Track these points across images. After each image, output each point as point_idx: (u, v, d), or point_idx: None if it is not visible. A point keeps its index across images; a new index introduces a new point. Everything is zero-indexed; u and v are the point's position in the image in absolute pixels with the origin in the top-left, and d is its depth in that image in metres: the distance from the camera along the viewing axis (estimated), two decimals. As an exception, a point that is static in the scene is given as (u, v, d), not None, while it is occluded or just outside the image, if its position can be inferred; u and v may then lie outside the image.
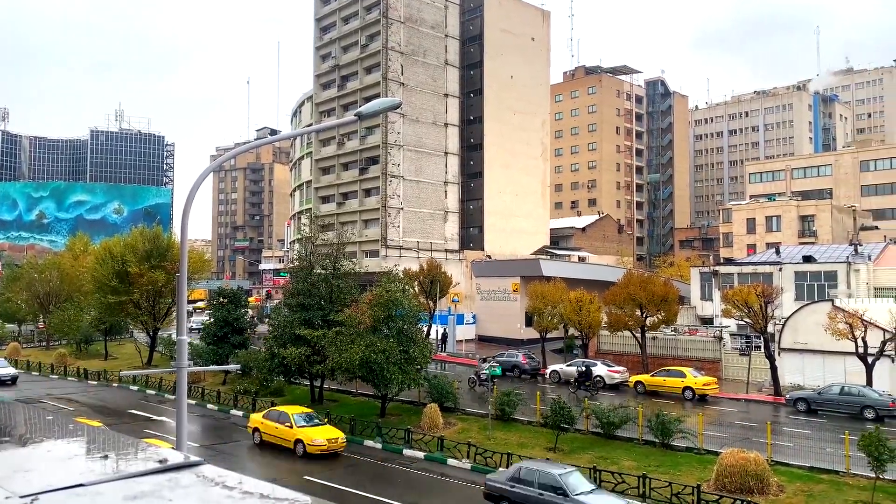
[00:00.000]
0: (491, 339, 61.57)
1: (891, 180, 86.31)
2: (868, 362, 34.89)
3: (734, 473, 20.12)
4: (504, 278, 63.04)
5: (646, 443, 25.84)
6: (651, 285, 42.80)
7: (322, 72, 79.45)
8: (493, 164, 77.78)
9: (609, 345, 48.62)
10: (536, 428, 28.29)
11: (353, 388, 37.29)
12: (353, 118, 11.22)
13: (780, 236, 74.67)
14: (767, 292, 38.26)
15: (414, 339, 30.61)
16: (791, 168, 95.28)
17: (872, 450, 19.64)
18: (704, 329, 50.11)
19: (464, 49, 78.30)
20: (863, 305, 38.89)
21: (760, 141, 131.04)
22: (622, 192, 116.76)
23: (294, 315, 34.18)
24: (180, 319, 10.80)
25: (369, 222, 72.79)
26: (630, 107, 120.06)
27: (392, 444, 26.88)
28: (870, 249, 53.28)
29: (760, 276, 49.37)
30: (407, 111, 71.24)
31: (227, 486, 2.05)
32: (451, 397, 31.73)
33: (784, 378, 39.08)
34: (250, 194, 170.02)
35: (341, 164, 76.92)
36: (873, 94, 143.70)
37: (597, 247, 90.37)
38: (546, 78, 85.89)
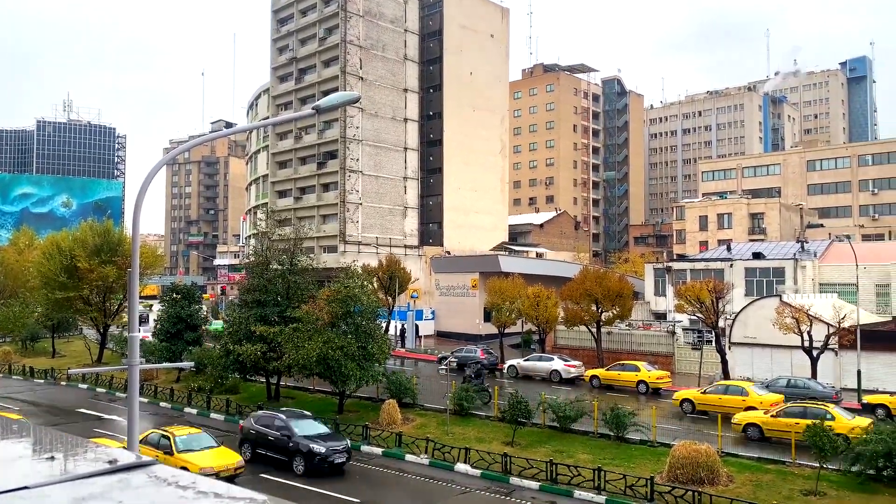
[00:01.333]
0: (450, 335, 61.75)
1: (835, 180, 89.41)
2: (813, 356, 36.09)
3: (686, 465, 20.60)
4: (463, 274, 63.27)
5: (601, 436, 26.26)
6: (606, 281, 43.47)
7: (279, 64, 78.36)
8: (453, 160, 77.91)
9: (566, 339, 49.23)
10: (494, 422, 28.50)
11: (311, 385, 36.98)
12: (311, 112, 11.09)
13: (731, 233, 76.65)
14: (719, 288, 39.24)
15: (372, 336, 30.48)
16: (742, 167, 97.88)
17: (817, 440, 20.34)
18: (658, 324, 51.12)
19: (423, 44, 78.16)
20: (808, 301, 40.22)
21: (713, 140, 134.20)
22: (579, 190, 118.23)
23: (250, 311, 33.69)
24: (132, 316, 10.54)
25: (327, 217, 72.17)
26: (587, 105, 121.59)
27: (350, 441, 26.73)
28: (815, 247, 55.10)
29: (712, 272, 50.59)
30: (366, 106, 70.80)
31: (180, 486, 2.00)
32: (409, 393, 31.72)
33: (734, 371, 40.16)
34: (205, 188, 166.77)
35: (299, 158, 76.04)
36: (819, 96, 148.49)
37: (554, 243, 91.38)
38: (505, 75, 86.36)
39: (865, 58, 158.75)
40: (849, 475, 20.82)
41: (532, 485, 21.42)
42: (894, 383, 31.70)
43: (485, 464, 23.07)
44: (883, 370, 35.45)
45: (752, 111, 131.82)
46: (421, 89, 77.27)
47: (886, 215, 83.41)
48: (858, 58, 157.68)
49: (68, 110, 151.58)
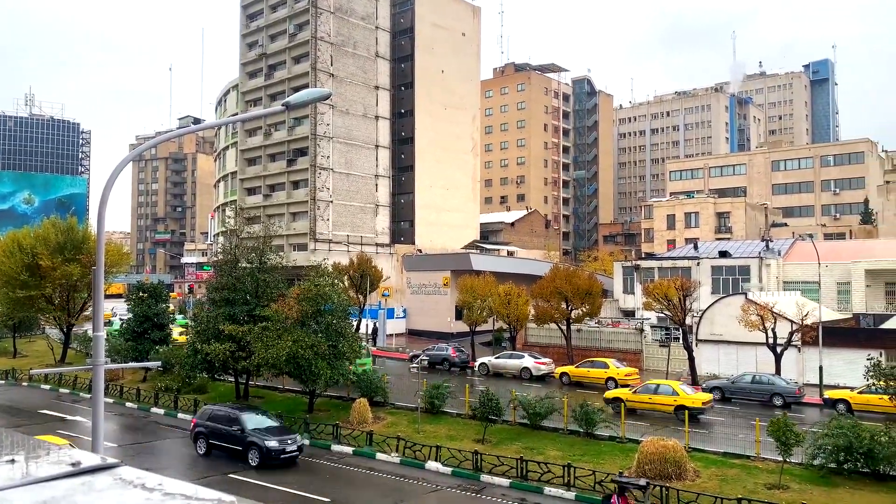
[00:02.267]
0: (421, 333, 61.73)
1: (798, 180, 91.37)
2: (777, 352, 36.89)
3: (654, 461, 20.89)
4: (435, 272, 63.28)
5: (571, 432, 26.49)
6: (576, 279, 43.85)
7: (248, 60, 77.43)
8: (424, 157, 77.83)
9: (536, 337, 49.55)
10: (465, 420, 28.56)
11: (280, 384, 36.67)
12: (280, 108, 10.98)
13: (698, 232, 77.87)
14: (686, 286, 39.85)
15: (343, 334, 30.33)
16: (709, 167, 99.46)
17: (780, 435, 20.77)
18: (627, 321, 51.74)
19: (395, 42, 77.91)
20: (773, 298, 41.05)
21: (681, 140, 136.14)
22: (549, 188, 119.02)
23: (218, 310, 33.28)
24: (97, 315, 10.33)
25: (297, 215, 71.57)
26: (558, 105, 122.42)
27: (320, 440, 26.58)
28: (780, 245, 56.26)
29: (679, 270, 51.34)
30: (337, 102, 70.35)
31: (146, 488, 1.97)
32: (380, 392, 31.64)
33: (701, 368, 40.84)
34: (172, 185, 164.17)
35: (268, 155, 75.27)
36: (784, 97, 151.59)
37: (525, 241, 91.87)
38: (476, 73, 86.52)
39: (828, 61, 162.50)
40: (811, 469, 21.31)
41: (503, 482, 21.52)
42: (855, 379, 32.47)
43: (456, 461, 23.12)
44: (843, 366, 36.35)
45: (719, 112, 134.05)
46: (392, 87, 77.01)
47: (847, 215, 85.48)
48: (821, 61, 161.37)
49: (30, 105, 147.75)
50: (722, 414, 31.19)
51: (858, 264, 49.14)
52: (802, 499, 18.34)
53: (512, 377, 40.89)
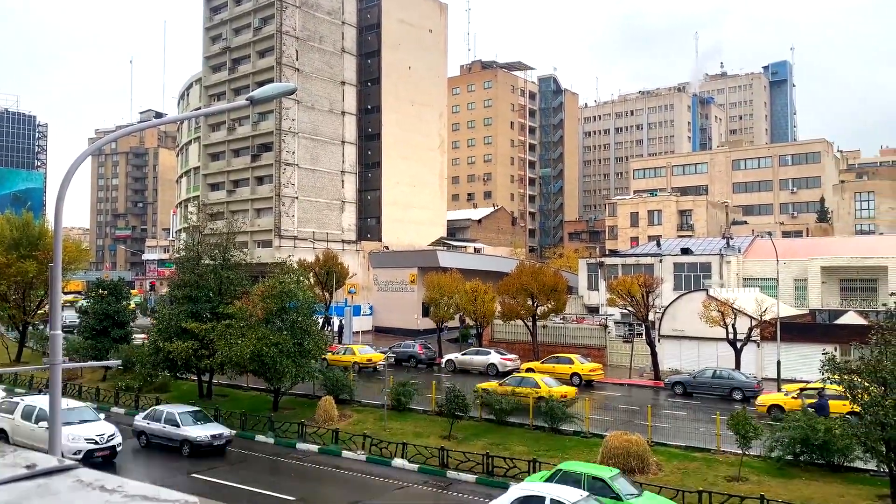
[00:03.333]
0: (388, 330, 61.58)
1: (758, 179, 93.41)
2: (737, 347, 37.71)
3: (618, 455, 21.19)
4: (402, 269, 63.16)
5: (536, 428, 26.71)
6: (542, 276, 44.21)
7: (212, 53, 76.20)
8: (391, 154, 77.56)
9: (503, 333, 49.83)
10: (432, 417, 28.59)
11: (245, 383, 36.25)
12: (244, 102, 10.82)
13: (661, 229, 79.10)
14: (649, 282, 40.48)
15: (308, 332, 30.11)
16: (671, 165, 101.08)
17: (739, 428, 21.25)
18: (591, 317, 52.34)
19: (361, 37, 77.44)
20: (733, 294, 41.96)
21: (644, 139, 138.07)
22: (516, 186, 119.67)
23: (180, 308, 32.74)
24: (54, 313, 10.08)
25: (262, 211, 70.74)
26: (524, 102, 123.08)
27: (285, 439, 26.36)
28: (740, 243, 57.45)
29: (643, 267, 52.12)
30: (302, 98, 69.68)
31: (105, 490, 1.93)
32: (346, 389, 31.50)
33: (663, 363, 41.53)
34: (133, 180, 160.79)
35: (232, 150, 74.22)
36: (744, 97, 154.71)
37: (492, 238, 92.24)
38: (443, 70, 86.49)
39: (786, 62, 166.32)
40: (769, 461, 21.85)
41: (469, 478, 21.61)
42: (811, 373, 33.32)
43: (422, 458, 23.14)
44: (800, 360, 37.31)
45: (682, 111, 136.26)
46: (359, 82, 76.57)
47: (804, 213, 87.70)
48: (780, 62, 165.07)
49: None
50: (685, 408, 31.77)
51: (815, 261, 50.47)
52: (760, 490, 18.79)
53: (478, 374, 41.04)
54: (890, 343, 18.48)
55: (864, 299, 48.19)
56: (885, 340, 18.61)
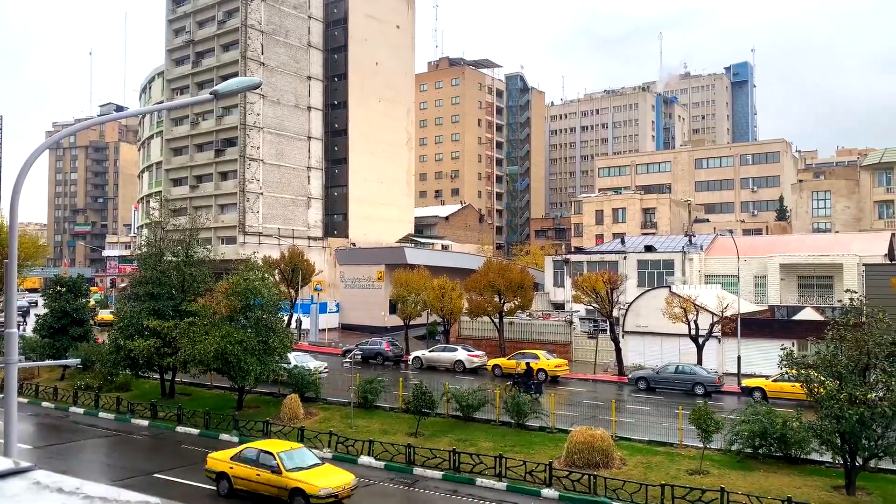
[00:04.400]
0: (355, 328, 61.29)
1: (720, 178, 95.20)
2: (699, 343, 38.42)
3: (582, 450, 21.43)
4: (369, 266, 62.88)
5: (502, 424, 26.86)
6: (509, 273, 44.45)
7: (175, 46, 74.79)
8: (358, 150, 77.12)
9: (469, 330, 49.97)
10: (399, 414, 28.55)
11: (208, 381, 35.75)
12: (208, 97, 10.66)
13: (625, 227, 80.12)
14: (613, 279, 40.99)
15: (274, 329, 29.81)
16: (636, 164, 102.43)
17: (701, 423, 21.67)
18: (557, 314, 52.80)
19: (328, 32, 76.79)
20: (695, 291, 42.72)
21: (609, 138, 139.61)
22: (483, 183, 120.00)
23: (142, 305, 32.12)
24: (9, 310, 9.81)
25: (226, 207, 69.75)
26: (491, 100, 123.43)
27: (250, 437, 26.04)
28: (702, 240, 58.49)
29: (607, 264, 52.73)
30: (267, 92, 68.85)
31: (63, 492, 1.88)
32: (312, 387, 31.27)
33: (627, 359, 42.10)
34: (93, 175, 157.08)
35: (195, 144, 72.99)
36: (706, 98, 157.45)
37: (459, 235, 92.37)
38: (411, 66, 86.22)
39: (747, 63, 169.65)
40: (729, 454, 22.32)
41: (435, 474, 21.64)
42: (770, 368, 34.13)
43: (389, 455, 23.10)
44: (760, 355, 38.16)
45: (646, 111, 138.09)
46: (325, 77, 75.92)
47: (764, 211, 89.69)
48: (741, 63, 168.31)
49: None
50: (648, 403, 32.27)
51: (774, 259, 51.64)
52: (721, 483, 19.18)
53: (445, 370, 41.12)
54: (844, 338, 19.00)
55: (821, 296, 49.47)
56: (840, 336, 19.13)
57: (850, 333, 18.94)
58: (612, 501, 18.89)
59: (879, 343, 18.44)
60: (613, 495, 19.14)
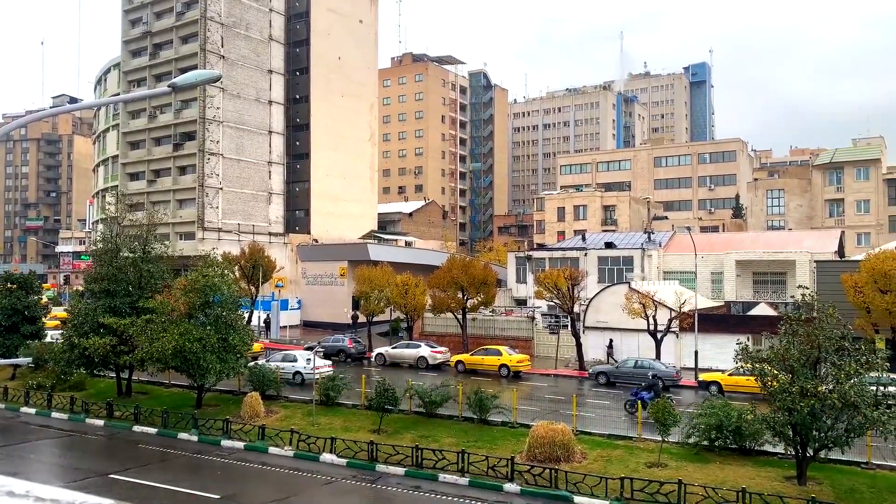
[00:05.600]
0: (317, 325, 60.81)
1: (678, 176, 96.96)
2: (657, 338, 39.13)
3: (544, 444, 21.64)
4: (331, 262, 62.42)
5: (465, 419, 26.96)
6: (472, 269, 44.61)
7: (131, 38, 73.08)
8: (320, 145, 76.45)
9: (433, 326, 50.02)
10: (361, 411, 28.44)
11: (167, 379, 35.11)
12: (166, 89, 10.45)
13: (586, 224, 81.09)
14: (574, 276, 41.46)
15: (234, 327, 29.41)
16: (597, 162, 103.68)
17: (659, 416, 22.08)
18: (519, 310, 53.20)
19: (289, 25, 75.90)
20: (654, 287, 43.44)
21: (571, 135, 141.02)
22: (447, 180, 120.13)
23: (97, 302, 31.36)
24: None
25: (185, 202, 68.51)
26: (455, 97, 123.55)
27: (209, 436, 25.67)
28: (660, 237, 59.54)
29: (569, 260, 53.30)
30: (227, 86, 67.78)
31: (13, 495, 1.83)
32: (273, 385, 30.94)
33: (588, 354, 42.66)
34: (45, 168, 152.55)
35: (153, 138, 71.49)
36: (665, 97, 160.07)
37: (423, 232, 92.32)
38: (374, 61, 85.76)
39: (705, 64, 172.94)
40: (686, 447, 22.79)
41: (398, 471, 21.63)
42: (726, 362, 34.95)
43: (351, 452, 23.01)
44: (716, 350, 39.05)
45: (607, 109, 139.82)
46: (287, 71, 75.04)
47: (720, 209, 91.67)
48: (699, 63, 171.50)
49: None
50: (608, 398, 32.74)
51: (730, 255, 52.83)
52: (679, 475, 19.57)
53: (409, 367, 41.10)
54: (797, 333, 19.53)
55: (775, 292, 50.80)
56: (793, 331, 19.66)
57: (802, 328, 19.47)
58: (574, 495, 19.12)
59: (829, 337, 19.00)
60: (574, 489, 19.38)
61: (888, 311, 33.18)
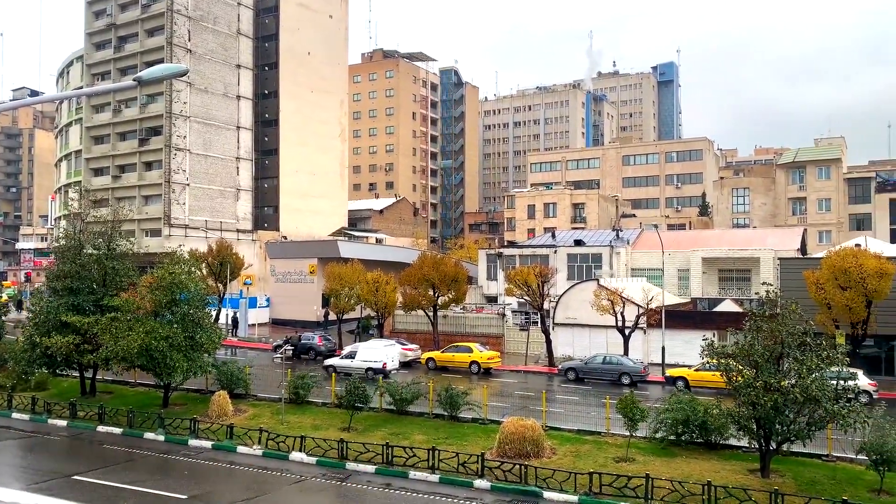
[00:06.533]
0: (286, 322, 60.31)
1: (646, 174, 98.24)
2: (625, 334, 39.63)
3: (514, 440, 21.77)
4: (301, 260, 61.92)
5: (436, 416, 26.99)
6: (443, 266, 44.64)
7: (96, 30, 71.56)
8: (289, 141, 75.75)
9: (404, 324, 49.95)
10: (331, 409, 28.29)
11: (132, 379, 34.50)
12: (132, 83, 10.27)
13: (556, 221, 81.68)
14: (544, 273, 41.76)
15: (201, 325, 29.02)
16: (566, 160, 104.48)
17: (627, 412, 22.37)
18: (490, 307, 53.40)
19: (258, 20, 75.04)
20: (622, 284, 43.96)
21: (541, 133, 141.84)
22: (418, 177, 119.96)
23: (60, 300, 30.67)
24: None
25: (150, 198, 67.36)
26: (426, 93, 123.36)
27: (176, 436, 25.30)
28: (629, 235, 60.25)
29: (539, 257, 53.67)
30: (195, 80, 66.76)
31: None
32: (241, 383, 30.60)
33: (557, 350, 43.01)
34: (5, 163, 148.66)
35: (118, 133, 70.12)
36: (634, 96, 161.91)
37: (394, 229, 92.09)
38: (344, 57, 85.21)
39: (673, 63, 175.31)
40: (654, 441, 23.11)
41: (368, 468, 21.57)
42: (692, 358, 35.53)
43: (321, 451, 22.88)
44: (683, 346, 39.65)
45: (576, 108, 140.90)
46: (255, 66, 74.18)
47: (687, 207, 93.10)
48: (667, 63, 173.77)
49: None
50: (577, 393, 33.05)
51: (696, 253, 53.68)
52: (646, 469, 19.85)
53: (378, 364, 40.91)
54: (761, 329, 19.93)
55: (740, 288, 51.79)
56: (757, 327, 20.05)
57: (766, 324, 19.86)
58: (543, 490, 19.27)
59: (792, 333, 19.42)
60: (544, 484, 19.53)
61: (848, 307, 34.03)
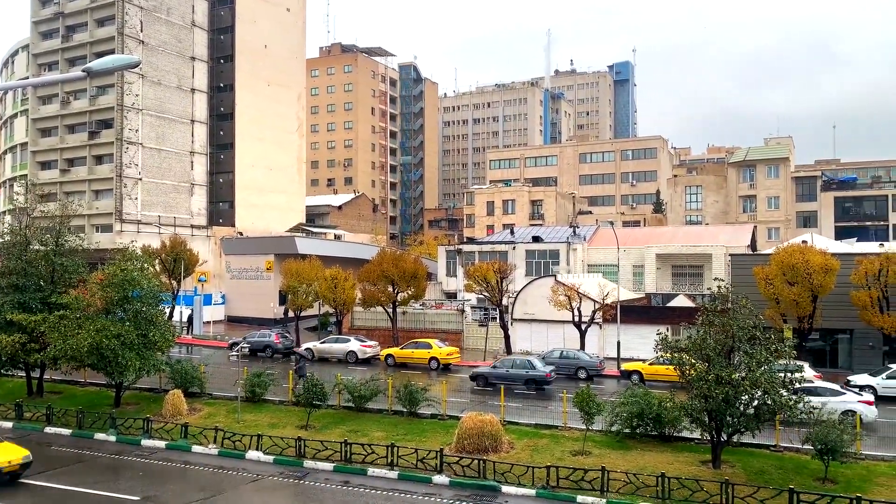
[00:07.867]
0: (242, 320, 59.44)
1: (602, 172, 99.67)
2: (582, 329, 40.21)
3: (472, 435, 21.91)
4: (257, 256, 61.07)
5: (395, 413, 26.97)
6: (402, 263, 44.56)
7: (42, 18, 69.23)
8: (246, 135, 74.58)
9: (363, 320, 49.74)
10: (289, 407, 28.02)
11: (82, 378, 33.59)
12: (81, 74, 9.98)
13: (514, 218, 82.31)
14: (503, 269, 42.08)
15: (154, 322, 28.40)
16: (525, 157, 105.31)
17: (584, 406, 22.72)
18: (449, 303, 53.53)
19: (213, 11, 73.62)
20: (578, 280, 44.57)
21: (500, 131, 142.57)
22: (377, 172, 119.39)
23: (5, 297, 29.65)
24: None
25: (101, 193, 65.57)
26: (385, 89, 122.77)
27: (128, 436, 24.74)
28: (585, 231, 61.04)
29: (498, 254, 54.02)
30: (147, 72, 65.17)
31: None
32: (196, 382, 30.08)
33: (516, 345, 43.40)
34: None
35: (66, 125, 68.03)
36: (591, 94, 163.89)
37: (353, 225, 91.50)
38: (302, 51, 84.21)
39: (629, 63, 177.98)
40: (609, 435, 23.53)
41: (326, 466, 21.45)
42: (647, 352, 36.21)
43: (278, 449, 22.65)
44: (638, 340, 40.40)
45: (535, 105, 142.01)
46: (211, 59, 72.76)
47: (642, 204, 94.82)
48: (623, 62, 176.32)
49: None
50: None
51: (650, 249, 54.71)
52: (602, 462, 20.20)
53: (338, 361, 40.75)
54: (713, 324, 20.45)
55: (693, 284, 52.97)
56: (709, 321, 20.57)
57: (718, 319, 20.40)
58: (501, 485, 19.44)
59: (742, 327, 19.99)
60: (502, 478, 19.71)
61: (795, 301, 35.15)
